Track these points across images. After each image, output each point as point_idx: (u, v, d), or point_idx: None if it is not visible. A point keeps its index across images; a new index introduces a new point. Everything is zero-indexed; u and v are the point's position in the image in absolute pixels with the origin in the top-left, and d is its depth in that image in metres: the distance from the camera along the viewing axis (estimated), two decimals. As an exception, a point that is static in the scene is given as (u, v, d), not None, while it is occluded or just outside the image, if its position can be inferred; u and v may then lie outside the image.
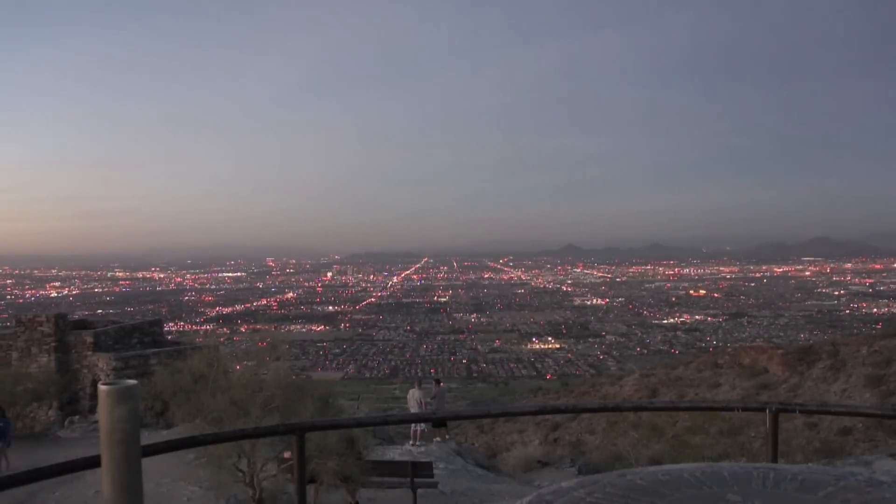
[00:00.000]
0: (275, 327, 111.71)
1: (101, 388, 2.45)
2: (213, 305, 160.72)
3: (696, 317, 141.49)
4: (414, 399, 20.00)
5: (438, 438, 20.79)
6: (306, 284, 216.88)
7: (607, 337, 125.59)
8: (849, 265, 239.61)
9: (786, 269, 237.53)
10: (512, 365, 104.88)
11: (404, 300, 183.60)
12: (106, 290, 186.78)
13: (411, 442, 19.03)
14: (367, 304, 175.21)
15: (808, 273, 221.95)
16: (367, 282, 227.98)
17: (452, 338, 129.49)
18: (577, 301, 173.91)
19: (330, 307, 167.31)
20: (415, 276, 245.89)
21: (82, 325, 25.64)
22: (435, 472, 13.72)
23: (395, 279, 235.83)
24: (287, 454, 10.40)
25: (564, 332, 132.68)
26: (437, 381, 23.05)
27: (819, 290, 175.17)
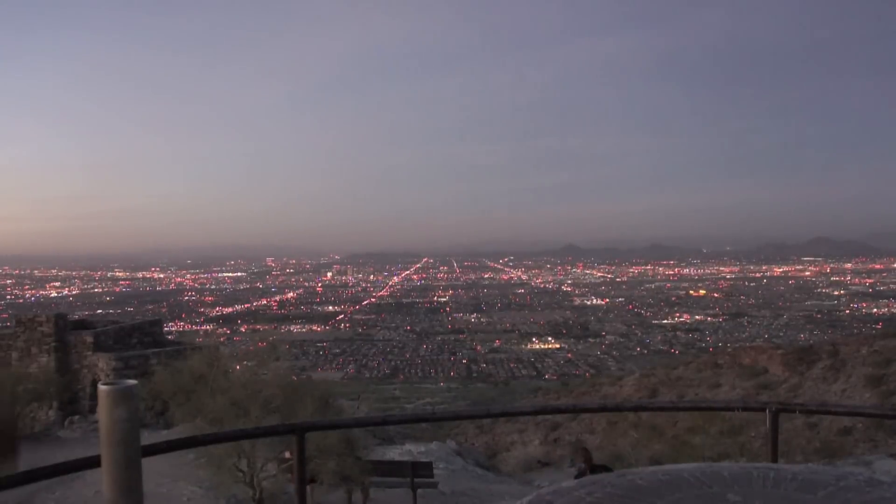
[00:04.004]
0: (275, 327, 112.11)
1: (101, 388, 2.45)
2: (213, 305, 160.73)
3: (696, 317, 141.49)
4: None
5: None
6: (306, 284, 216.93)
7: (607, 337, 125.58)
8: (849, 265, 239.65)
9: (786, 269, 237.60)
10: (512, 365, 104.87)
11: (404, 300, 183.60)
12: (106, 290, 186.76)
13: None
14: (367, 304, 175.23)
15: (808, 273, 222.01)
16: (367, 282, 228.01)
17: (452, 338, 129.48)
18: (577, 301, 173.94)
19: (330, 307, 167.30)
20: (415, 276, 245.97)
21: (82, 325, 25.63)
22: (435, 472, 13.73)
23: (395, 279, 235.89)
24: (287, 454, 10.41)
25: (564, 332, 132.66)
26: None
27: (819, 290, 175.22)
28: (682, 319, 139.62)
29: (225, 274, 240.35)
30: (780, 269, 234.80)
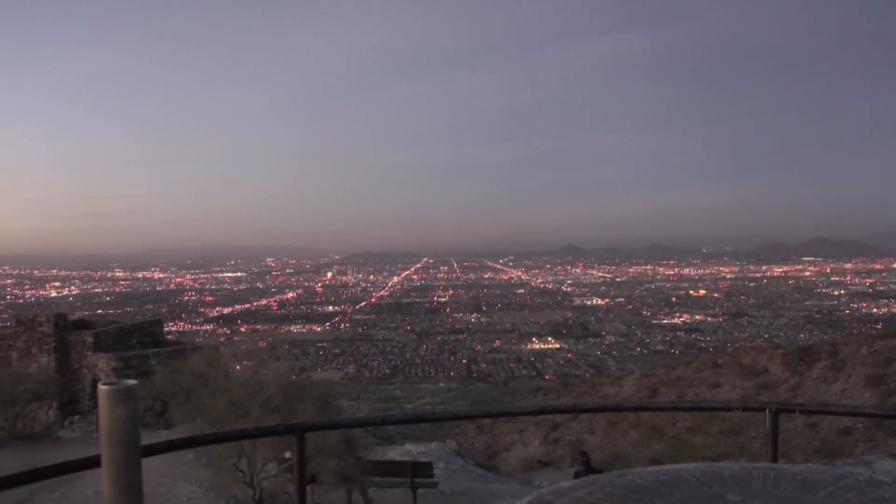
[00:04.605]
0: (275, 327, 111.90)
1: (101, 388, 2.45)
2: (213, 305, 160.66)
3: (696, 317, 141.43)
4: None
5: None
6: (306, 284, 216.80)
7: (607, 337, 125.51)
8: (849, 265, 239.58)
9: (786, 269, 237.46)
10: (512, 365, 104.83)
11: (404, 300, 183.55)
12: (106, 290, 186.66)
13: None
14: (367, 304, 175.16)
15: (808, 273, 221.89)
16: (367, 282, 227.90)
17: (452, 338, 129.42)
18: (577, 301, 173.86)
19: (330, 307, 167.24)
20: (415, 276, 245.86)
21: (82, 325, 25.63)
22: (435, 472, 13.73)
23: (395, 279, 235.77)
24: (287, 454, 10.41)
25: (564, 332, 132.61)
26: None
27: (819, 290, 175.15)
28: (682, 319, 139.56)
29: (225, 274, 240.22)
30: (780, 269, 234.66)
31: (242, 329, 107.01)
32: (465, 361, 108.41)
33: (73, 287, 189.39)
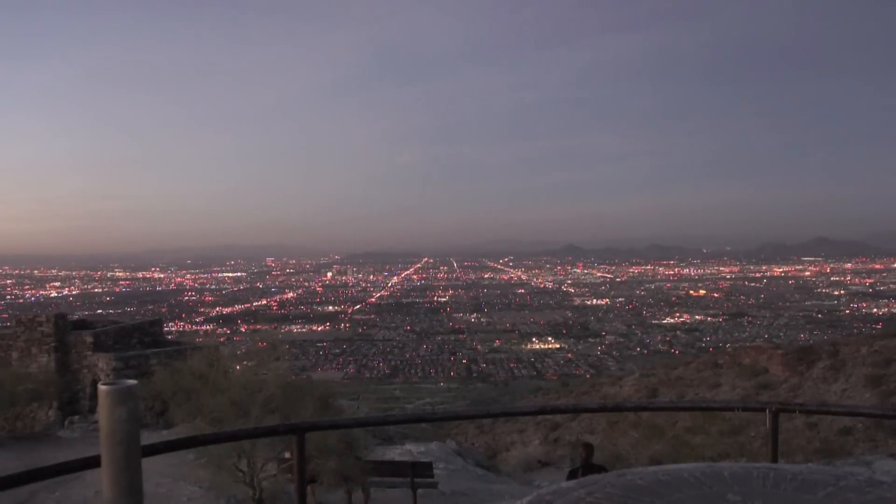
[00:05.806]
0: (275, 327, 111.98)
1: (101, 388, 2.45)
2: (213, 305, 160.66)
3: (696, 317, 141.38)
4: None
5: None
6: (306, 284, 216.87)
7: (607, 337, 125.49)
8: (849, 265, 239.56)
9: (786, 269, 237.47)
10: (512, 365, 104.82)
11: (404, 300, 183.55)
12: (106, 290, 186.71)
13: None
14: (366, 304, 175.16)
15: (808, 273, 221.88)
16: (367, 282, 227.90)
17: (452, 338, 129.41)
18: (577, 301, 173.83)
19: (330, 307, 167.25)
20: (415, 276, 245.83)
21: (82, 325, 25.60)
22: (435, 472, 13.71)
23: (395, 279, 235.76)
24: (287, 454, 10.40)
25: (564, 332, 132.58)
26: None
27: (819, 290, 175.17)
28: (682, 319, 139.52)
29: (225, 274, 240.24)
30: (780, 269, 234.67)
31: (242, 329, 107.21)
32: (465, 361, 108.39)
33: (73, 287, 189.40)
